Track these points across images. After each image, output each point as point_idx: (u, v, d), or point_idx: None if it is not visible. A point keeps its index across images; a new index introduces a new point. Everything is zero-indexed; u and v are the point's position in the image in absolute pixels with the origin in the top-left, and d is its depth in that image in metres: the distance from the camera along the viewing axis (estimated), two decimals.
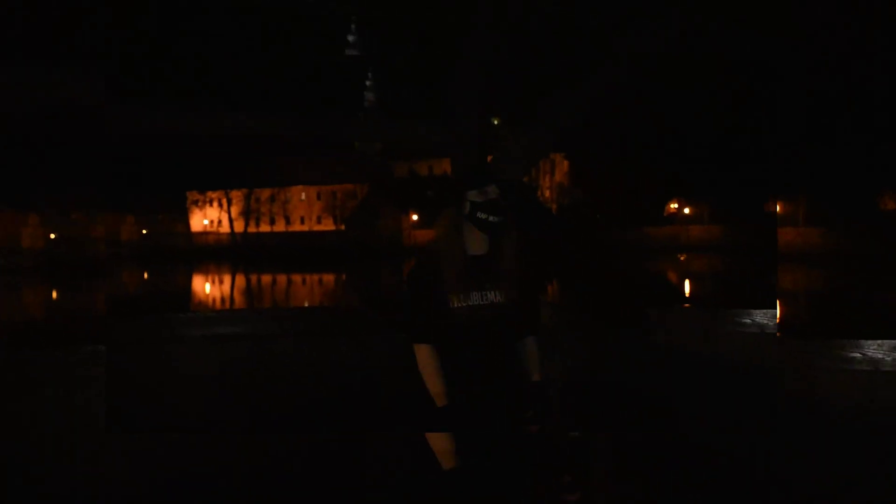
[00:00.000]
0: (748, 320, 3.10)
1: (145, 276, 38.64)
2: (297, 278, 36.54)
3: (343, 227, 67.62)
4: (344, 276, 37.08)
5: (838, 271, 30.63)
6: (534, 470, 2.19)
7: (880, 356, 2.60)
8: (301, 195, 73.06)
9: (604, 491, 2.87)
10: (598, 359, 3.21)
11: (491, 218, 2.07)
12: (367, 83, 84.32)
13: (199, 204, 72.89)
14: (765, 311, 3.10)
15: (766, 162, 52.98)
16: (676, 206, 62.50)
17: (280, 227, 72.19)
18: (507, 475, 2.13)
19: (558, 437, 2.92)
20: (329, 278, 36.32)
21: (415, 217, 64.34)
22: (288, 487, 2.83)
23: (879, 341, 2.61)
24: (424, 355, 2.11)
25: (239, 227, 69.52)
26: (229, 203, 70.25)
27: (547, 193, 66.52)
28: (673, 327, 3.15)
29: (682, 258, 45.14)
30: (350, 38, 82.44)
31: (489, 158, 3.34)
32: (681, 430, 2.97)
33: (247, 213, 70.88)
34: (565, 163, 65.75)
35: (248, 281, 35.69)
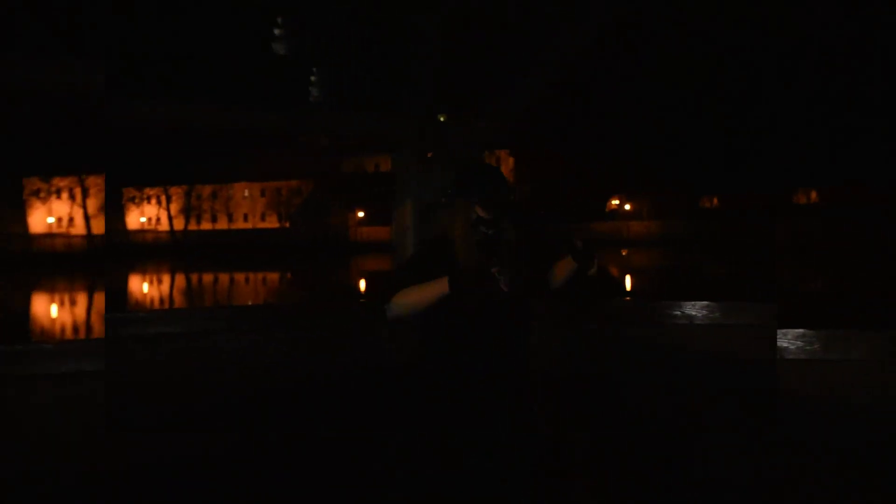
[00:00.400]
0: (687, 312, 3.22)
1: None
2: (240, 277, 35.82)
3: (288, 225, 66.54)
4: (289, 275, 36.52)
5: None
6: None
7: (785, 345, 2.77)
8: (244, 192, 71.48)
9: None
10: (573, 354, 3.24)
11: (490, 232, 2.27)
12: (312, 78, 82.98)
13: (136, 201, 70.43)
14: (696, 302, 3.23)
15: (701, 162, 54.84)
16: (618, 202, 63.94)
17: (223, 224, 70.50)
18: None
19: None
20: (273, 276, 35.73)
21: (361, 214, 63.84)
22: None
23: (784, 330, 2.78)
24: (408, 290, 2.19)
25: (179, 224, 67.56)
26: (168, 200, 68.17)
27: None
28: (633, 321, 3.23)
29: (624, 253, 46.21)
30: (276, 31, 79.63)
31: (429, 154, 3.39)
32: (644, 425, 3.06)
33: (187, 211, 68.93)
34: (510, 159, 66.36)
35: (188, 280, 34.77)
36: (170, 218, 67.18)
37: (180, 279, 34.79)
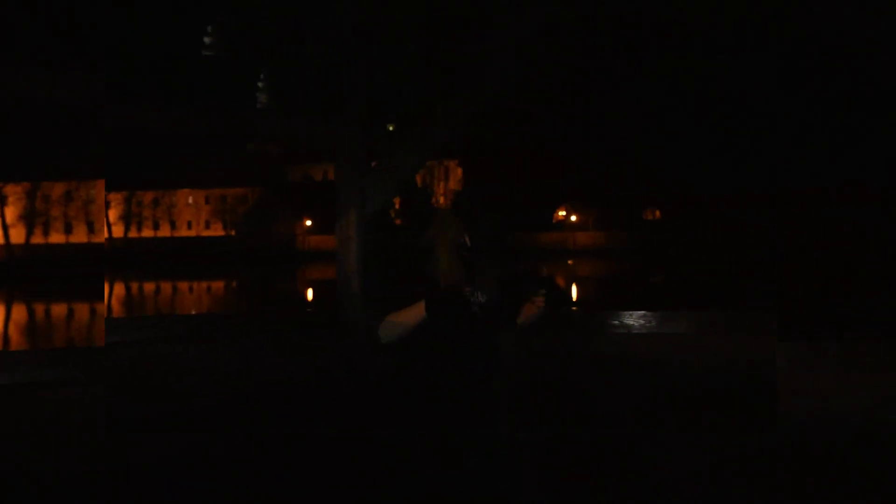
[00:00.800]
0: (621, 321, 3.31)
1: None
2: (183, 286, 34.89)
3: (234, 233, 65.23)
4: (235, 284, 35.79)
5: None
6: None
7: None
8: (188, 199, 69.77)
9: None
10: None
11: (472, 259, 2.36)
12: (260, 84, 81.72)
13: None
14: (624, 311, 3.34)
15: (642, 175, 56.60)
16: (564, 213, 65.11)
17: (165, 232, 68.58)
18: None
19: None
20: (218, 285, 34.92)
21: (309, 222, 63.14)
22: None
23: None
24: (394, 315, 2.28)
25: (118, 232, 65.35)
26: (107, 206, 65.91)
27: (441, 200, 67.28)
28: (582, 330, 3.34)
29: (570, 263, 47.00)
30: (206, 39, 75.90)
31: (374, 164, 3.38)
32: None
33: (127, 217, 66.79)
34: (458, 170, 66.85)
35: (127, 289, 33.66)
36: (108, 225, 64.97)
37: (119, 288, 33.63)
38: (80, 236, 63.16)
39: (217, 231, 67.80)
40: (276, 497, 2.90)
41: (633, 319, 3.23)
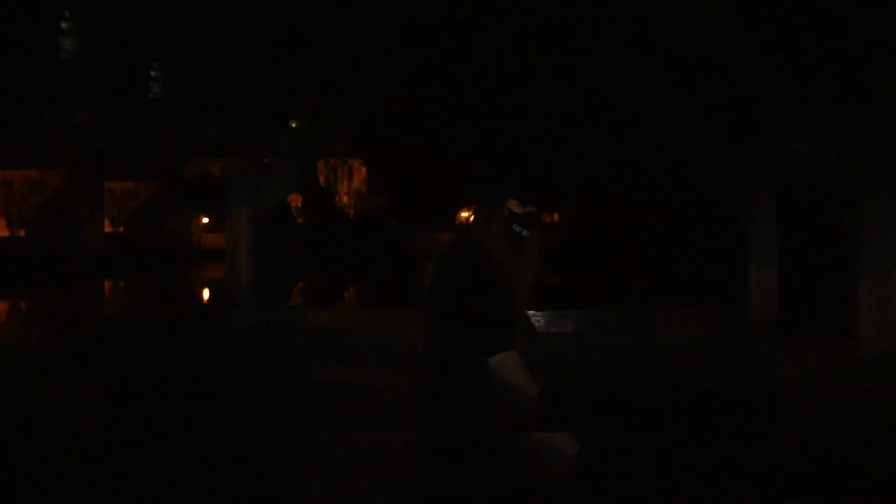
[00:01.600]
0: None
1: None
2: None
3: (122, 229, 61.57)
4: (122, 283, 33.88)
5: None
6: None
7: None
8: None
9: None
10: None
11: (524, 232, 2.06)
12: (152, 73, 77.33)
13: None
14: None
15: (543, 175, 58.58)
16: (467, 214, 66.09)
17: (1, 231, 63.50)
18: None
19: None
20: (106, 284, 32.88)
21: (206, 220, 60.61)
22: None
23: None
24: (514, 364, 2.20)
25: None
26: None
27: (345, 199, 66.43)
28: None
29: None
30: (63, 25, 66.70)
31: (265, 160, 3.33)
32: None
33: None
34: (363, 169, 66.28)
35: None
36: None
37: None
38: None
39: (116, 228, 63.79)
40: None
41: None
